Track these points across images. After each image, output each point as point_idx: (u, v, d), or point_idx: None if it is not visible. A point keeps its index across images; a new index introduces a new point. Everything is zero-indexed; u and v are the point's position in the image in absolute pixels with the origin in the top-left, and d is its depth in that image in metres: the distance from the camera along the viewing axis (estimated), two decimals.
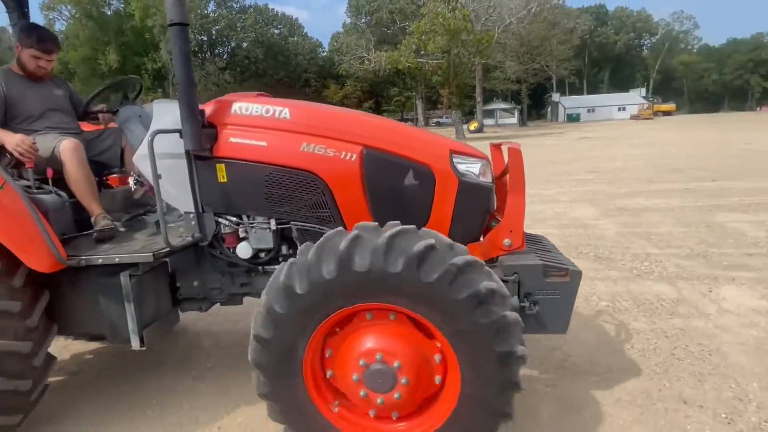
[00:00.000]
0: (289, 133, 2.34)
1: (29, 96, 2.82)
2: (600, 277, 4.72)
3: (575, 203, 8.68)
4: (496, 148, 3.05)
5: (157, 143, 2.18)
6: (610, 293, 4.31)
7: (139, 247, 2.40)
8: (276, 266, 2.28)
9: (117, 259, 2.27)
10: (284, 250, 2.53)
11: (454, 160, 2.42)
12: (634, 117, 61.27)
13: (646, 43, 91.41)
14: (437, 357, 1.96)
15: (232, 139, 2.34)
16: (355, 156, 2.31)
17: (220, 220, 2.46)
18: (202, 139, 2.23)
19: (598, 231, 6.60)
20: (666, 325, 3.61)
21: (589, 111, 69.80)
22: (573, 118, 68.23)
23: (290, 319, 1.89)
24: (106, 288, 2.34)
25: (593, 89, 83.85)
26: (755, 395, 2.67)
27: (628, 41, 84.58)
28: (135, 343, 2.31)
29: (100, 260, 2.29)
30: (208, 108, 2.38)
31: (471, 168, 2.46)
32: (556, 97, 72.68)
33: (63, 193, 2.55)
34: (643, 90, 77.99)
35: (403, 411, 2.04)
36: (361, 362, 1.94)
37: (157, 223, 2.56)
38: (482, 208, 2.53)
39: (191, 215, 2.44)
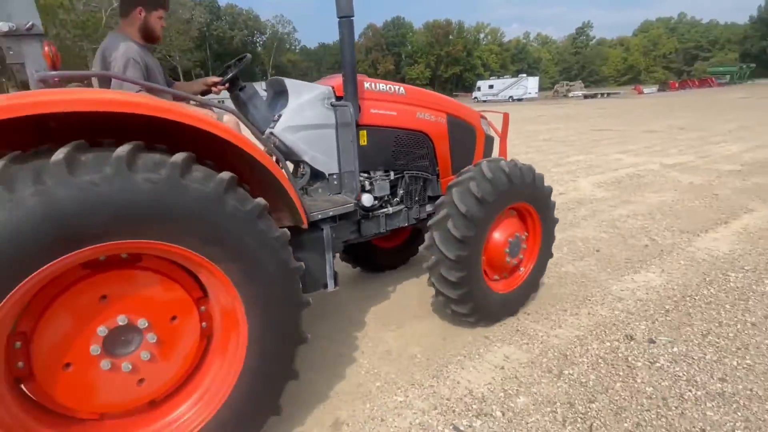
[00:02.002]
0: (407, 105, 3.26)
1: (154, 66, 2.72)
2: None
3: None
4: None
5: (299, 117, 2.71)
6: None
7: (330, 205, 2.71)
8: (379, 212, 3.21)
9: (331, 213, 2.64)
10: (391, 197, 3.31)
11: (482, 121, 3.93)
12: None
13: (258, 40, 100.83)
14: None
15: (372, 110, 3.02)
16: (443, 119, 3.50)
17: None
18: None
19: None
20: None
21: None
22: None
23: (478, 216, 2.89)
24: (312, 241, 2.58)
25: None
26: None
27: (243, 37, 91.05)
28: (332, 286, 2.66)
29: (330, 212, 2.63)
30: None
31: (485, 126, 3.99)
32: None
33: None
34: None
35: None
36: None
37: (303, 188, 2.98)
38: (490, 152, 4.06)
39: (334, 176, 2.95)
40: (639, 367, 2.79)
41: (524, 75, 66.19)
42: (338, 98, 2.88)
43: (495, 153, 4.04)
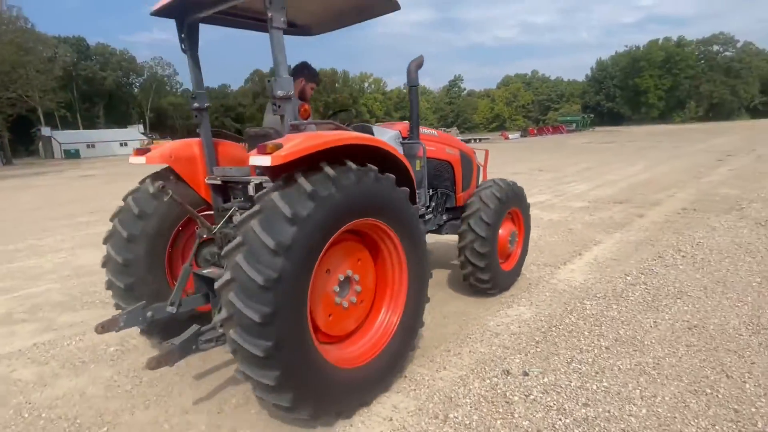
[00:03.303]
0: (440, 143, 4.79)
1: None
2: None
3: (79, 249, 8.02)
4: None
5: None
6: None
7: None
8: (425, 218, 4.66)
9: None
10: (427, 208, 4.62)
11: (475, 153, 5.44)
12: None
13: (134, 82, 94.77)
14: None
15: (425, 146, 4.31)
16: (457, 153, 5.01)
17: None
18: None
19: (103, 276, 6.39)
20: None
21: (89, 146, 65.85)
22: (72, 155, 62.28)
23: (498, 211, 4.49)
24: None
25: (90, 124, 79.54)
26: None
27: (116, 78, 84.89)
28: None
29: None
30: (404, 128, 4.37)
31: (477, 158, 5.43)
32: (46, 131, 63.76)
33: None
34: (141, 126, 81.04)
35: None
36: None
37: None
38: (478, 176, 5.54)
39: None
40: (516, 402, 2.94)
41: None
42: (403, 138, 4.30)
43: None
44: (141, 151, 3.57)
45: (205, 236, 3.37)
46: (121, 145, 68.66)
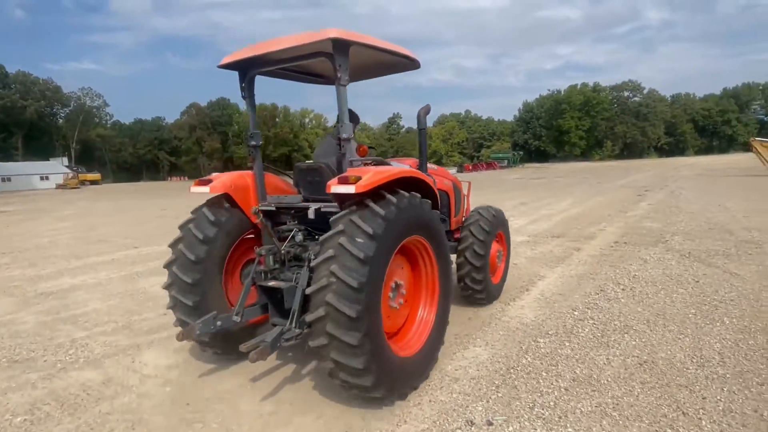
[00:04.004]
0: (439, 176, 5.29)
1: None
2: (15, 386, 3.98)
3: None
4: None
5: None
6: (28, 403, 3.70)
7: None
8: None
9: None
10: None
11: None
12: (60, 186, 58.20)
13: (60, 112, 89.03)
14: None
15: (434, 179, 4.35)
16: (451, 184, 5.62)
17: None
18: None
19: (15, 327, 5.60)
20: (92, 416, 3.46)
21: (4, 180, 60.35)
22: None
23: (487, 240, 5.38)
24: None
25: (7, 157, 73.11)
26: None
27: (39, 108, 79.30)
28: None
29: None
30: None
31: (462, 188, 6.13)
32: None
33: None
34: (66, 159, 75.72)
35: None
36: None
37: None
38: (464, 203, 6.18)
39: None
40: None
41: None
42: None
43: None
44: (203, 182, 4.12)
45: (263, 254, 3.91)
46: (41, 178, 63.70)
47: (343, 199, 3.40)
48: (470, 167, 70.43)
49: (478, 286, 5.32)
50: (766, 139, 31.03)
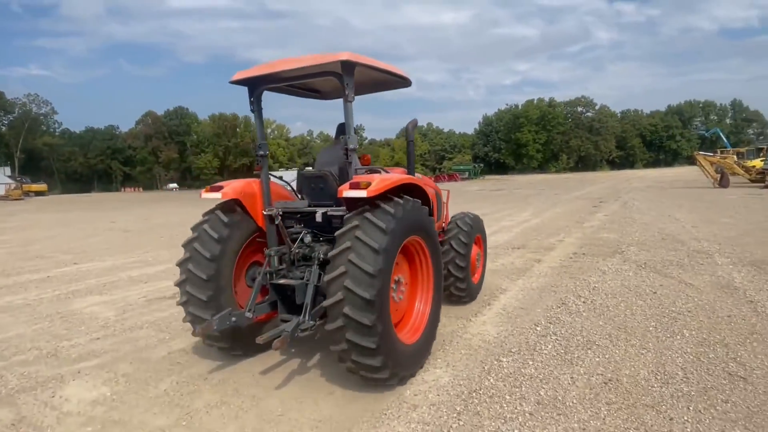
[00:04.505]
0: (425, 185, 4.85)
1: None
2: None
3: None
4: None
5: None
6: None
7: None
8: None
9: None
10: None
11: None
12: (1, 198, 54.66)
13: (3, 119, 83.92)
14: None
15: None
16: (434, 191, 5.67)
17: None
18: None
19: None
20: None
21: None
22: None
23: (468, 241, 5.94)
24: None
25: None
26: None
27: None
28: None
29: None
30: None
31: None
32: None
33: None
34: (8, 169, 71.26)
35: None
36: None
37: None
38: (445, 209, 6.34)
39: None
40: None
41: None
42: None
43: None
44: (215, 188, 4.38)
45: (272, 254, 4.31)
46: None
47: (352, 203, 3.76)
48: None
49: (462, 292, 5.89)
50: (709, 153, 32.88)
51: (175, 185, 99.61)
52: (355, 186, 3.59)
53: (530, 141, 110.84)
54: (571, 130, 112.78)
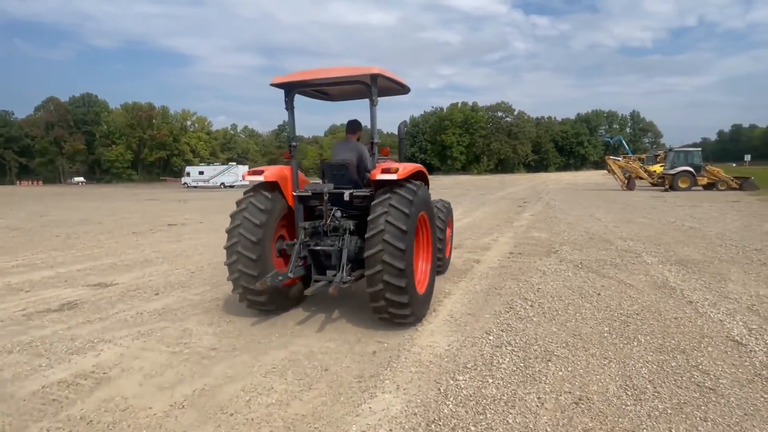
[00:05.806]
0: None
1: None
2: None
3: None
4: None
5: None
6: None
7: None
8: None
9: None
10: None
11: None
12: None
13: None
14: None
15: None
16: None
17: None
18: None
19: None
20: None
21: None
22: None
23: (443, 232, 7.22)
24: None
25: None
26: None
27: None
28: None
29: None
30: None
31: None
32: None
33: None
34: None
35: None
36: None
37: None
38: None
39: None
40: None
41: (234, 163, 67.43)
42: None
43: None
44: (257, 172, 5.28)
45: (306, 227, 5.22)
46: None
47: (382, 184, 4.83)
48: None
49: (440, 261, 6.96)
50: (618, 158, 35.57)
51: (81, 179, 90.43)
52: (387, 171, 4.74)
53: (454, 143, 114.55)
54: (491, 133, 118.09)
